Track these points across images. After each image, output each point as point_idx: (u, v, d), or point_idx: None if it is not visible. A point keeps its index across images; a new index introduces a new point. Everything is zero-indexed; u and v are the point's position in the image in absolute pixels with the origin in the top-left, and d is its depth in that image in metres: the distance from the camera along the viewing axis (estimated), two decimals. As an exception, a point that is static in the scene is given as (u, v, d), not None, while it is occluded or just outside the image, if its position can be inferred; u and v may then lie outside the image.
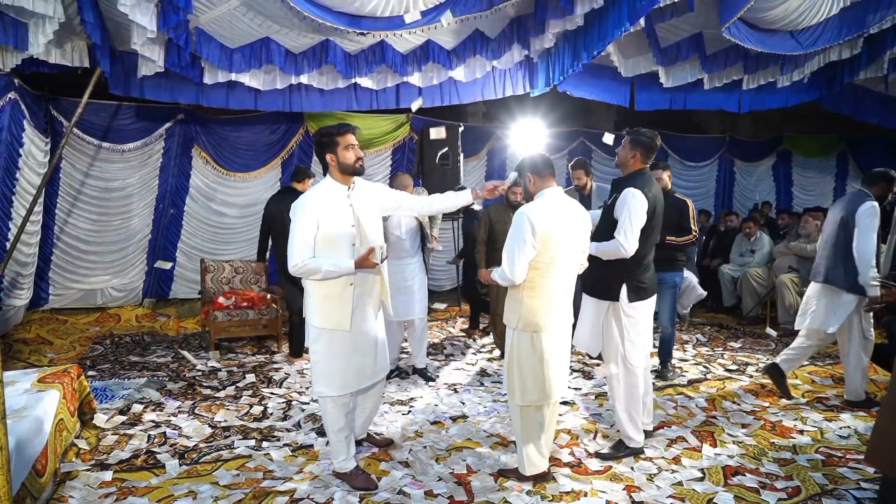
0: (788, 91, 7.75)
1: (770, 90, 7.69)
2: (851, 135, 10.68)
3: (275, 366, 5.17)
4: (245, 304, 5.68)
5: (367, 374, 3.14)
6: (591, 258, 3.44)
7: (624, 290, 3.30)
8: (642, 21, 5.77)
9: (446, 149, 6.71)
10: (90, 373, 4.88)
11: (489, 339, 6.16)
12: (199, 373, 4.96)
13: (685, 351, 5.70)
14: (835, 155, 11.01)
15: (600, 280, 3.40)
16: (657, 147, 3.43)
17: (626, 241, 3.22)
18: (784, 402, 4.37)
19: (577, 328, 3.51)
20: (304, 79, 5.63)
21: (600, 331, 3.43)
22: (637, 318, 3.33)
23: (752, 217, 7.49)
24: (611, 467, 3.33)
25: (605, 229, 3.37)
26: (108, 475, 3.15)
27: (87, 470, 3.21)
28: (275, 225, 5.46)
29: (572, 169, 5.34)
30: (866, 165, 10.97)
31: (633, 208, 3.23)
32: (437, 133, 5.52)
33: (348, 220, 2.98)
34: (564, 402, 4.19)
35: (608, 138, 4.67)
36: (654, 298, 3.43)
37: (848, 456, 3.48)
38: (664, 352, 4.92)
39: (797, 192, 10.98)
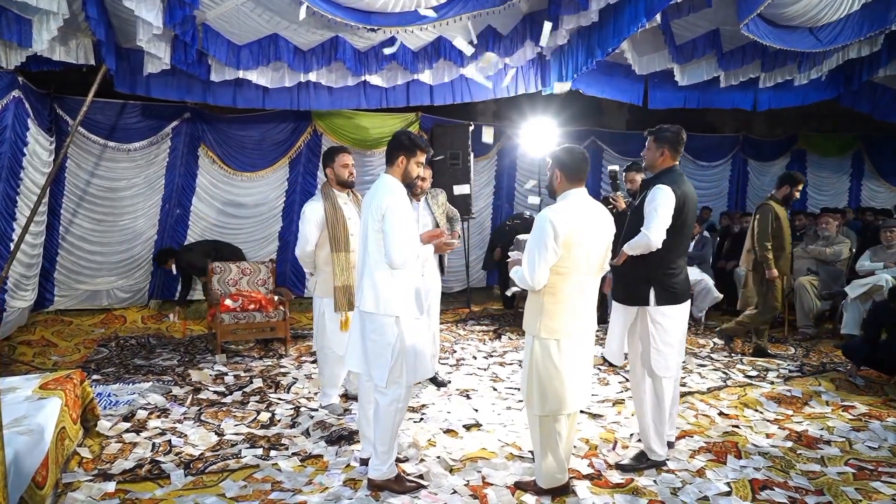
0: (806, 89, 7.60)
1: (787, 88, 7.54)
2: (867, 134, 10.49)
3: (282, 370, 5.06)
4: (252, 306, 5.57)
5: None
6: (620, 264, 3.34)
7: (652, 293, 3.18)
8: (658, 17, 5.63)
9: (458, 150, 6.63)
10: (95, 376, 4.78)
11: (500, 344, 6.03)
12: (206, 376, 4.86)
13: (701, 356, 5.55)
14: (850, 154, 10.83)
15: (628, 284, 3.30)
16: (683, 140, 3.34)
17: (651, 232, 3.13)
18: (808, 410, 4.23)
19: (607, 339, 3.41)
20: (312, 76, 5.53)
21: (626, 339, 3.31)
22: (665, 325, 3.20)
23: (769, 218, 7.30)
24: (632, 480, 3.19)
25: (635, 230, 3.25)
26: (111, 486, 3.05)
27: (90, 480, 3.10)
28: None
29: (626, 172, 5.19)
30: (882, 165, 10.82)
31: (661, 202, 3.15)
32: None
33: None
34: (582, 411, 4.05)
35: None
36: (685, 306, 3.29)
37: (880, 469, 3.33)
38: None
39: (811, 193, 10.80)
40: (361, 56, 5.44)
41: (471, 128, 7.29)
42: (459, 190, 5.71)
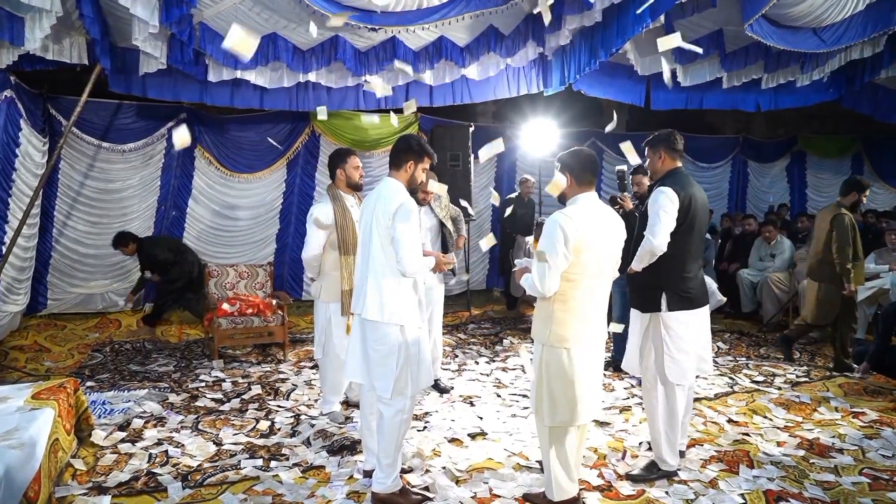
0: (807, 90, 7.54)
1: (788, 89, 7.48)
2: (867, 135, 10.46)
3: (281, 376, 4.95)
4: (250, 310, 5.46)
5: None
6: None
7: (664, 299, 3.10)
8: (662, 17, 5.56)
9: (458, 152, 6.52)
10: (89, 383, 4.68)
11: (502, 347, 5.95)
12: (203, 383, 4.75)
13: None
14: (850, 156, 10.79)
15: (641, 290, 3.24)
16: (677, 139, 3.29)
17: (654, 236, 3.07)
18: (818, 417, 4.16)
19: (627, 349, 3.33)
20: (312, 76, 5.42)
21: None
22: (679, 331, 3.12)
23: (772, 221, 7.26)
24: (644, 491, 3.11)
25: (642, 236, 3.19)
26: (106, 500, 2.94)
27: (84, 494, 3.00)
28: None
29: (633, 175, 5.07)
30: (882, 166, 10.78)
31: (661, 204, 3.10)
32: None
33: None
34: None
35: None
36: (701, 312, 3.21)
37: (895, 479, 3.26)
38: (616, 349, 4.86)
39: (811, 194, 10.77)
40: (361, 56, 5.34)
41: (471, 129, 7.20)
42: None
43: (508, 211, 5.11)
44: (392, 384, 2.85)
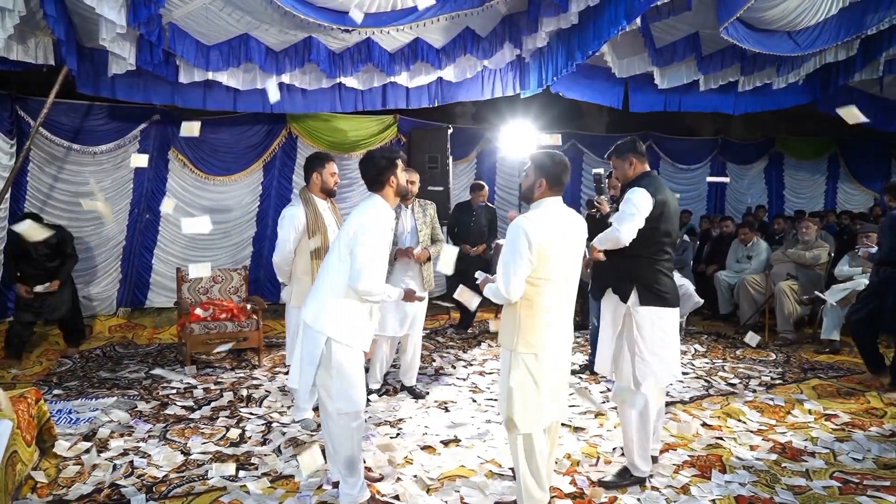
0: (783, 93, 7.62)
1: (764, 92, 7.56)
2: (843, 137, 10.58)
3: (254, 382, 4.88)
4: (224, 315, 5.37)
5: None
6: (606, 259, 3.25)
7: (634, 293, 3.09)
8: (638, 20, 5.58)
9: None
10: (56, 391, 4.57)
11: (480, 351, 5.92)
12: (174, 391, 4.66)
13: (682, 363, 5.49)
14: (826, 157, 10.93)
15: (612, 283, 3.23)
16: (638, 142, 3.32)
17: (620, 225, 3.07)
18: (791, 420, 4.17)
19: (598, 349, 3.31)
20: (285, 78, 5.36)
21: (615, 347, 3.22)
22: (651, 331, 3.10)
23: (748, 223, 7.31)
24: (616, 498, 3.09)
25: None
26: (65, 514, 2.86)
27: (43, 508, 2.92)
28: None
29: (609, 178, 5.02)
30: (857, 168, 10.94)
31: (633, 200, 3.10)
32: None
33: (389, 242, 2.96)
34: (563, 424, 3.94)
35: None
36: (673, 313, 3.19)
37: (865, 482, 3.27)
38: (593, 352, 4.73)
39: (788, 195, 10.89)
40: (336, 57, 5.29)
41: (449, 130, 7.16)
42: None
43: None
44: (306, 394, 2.82)
